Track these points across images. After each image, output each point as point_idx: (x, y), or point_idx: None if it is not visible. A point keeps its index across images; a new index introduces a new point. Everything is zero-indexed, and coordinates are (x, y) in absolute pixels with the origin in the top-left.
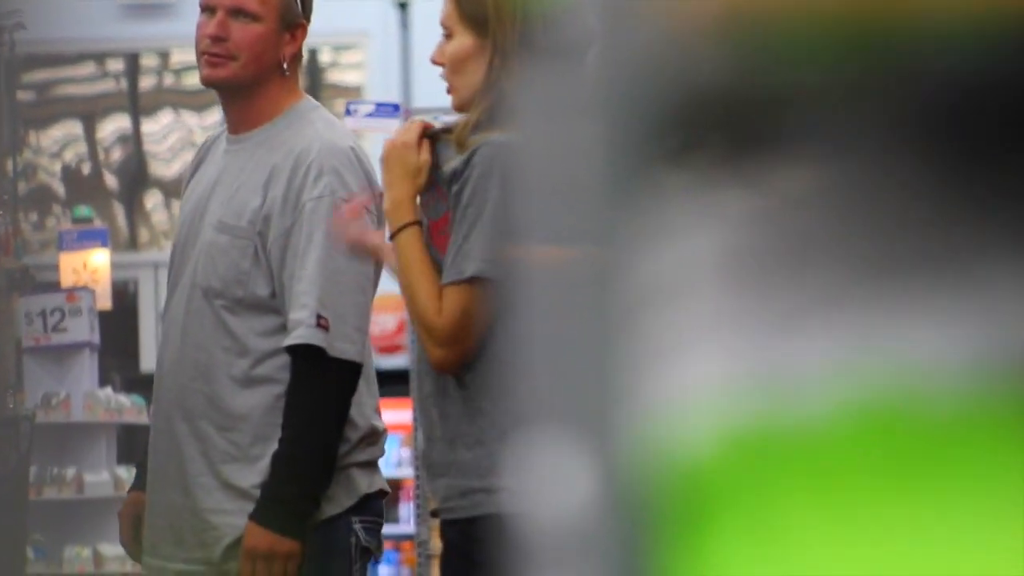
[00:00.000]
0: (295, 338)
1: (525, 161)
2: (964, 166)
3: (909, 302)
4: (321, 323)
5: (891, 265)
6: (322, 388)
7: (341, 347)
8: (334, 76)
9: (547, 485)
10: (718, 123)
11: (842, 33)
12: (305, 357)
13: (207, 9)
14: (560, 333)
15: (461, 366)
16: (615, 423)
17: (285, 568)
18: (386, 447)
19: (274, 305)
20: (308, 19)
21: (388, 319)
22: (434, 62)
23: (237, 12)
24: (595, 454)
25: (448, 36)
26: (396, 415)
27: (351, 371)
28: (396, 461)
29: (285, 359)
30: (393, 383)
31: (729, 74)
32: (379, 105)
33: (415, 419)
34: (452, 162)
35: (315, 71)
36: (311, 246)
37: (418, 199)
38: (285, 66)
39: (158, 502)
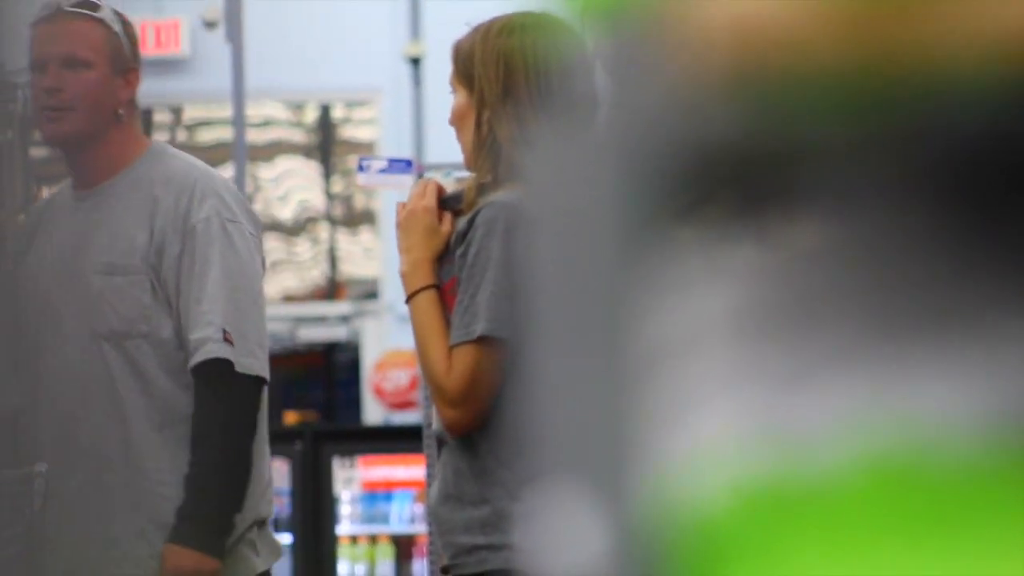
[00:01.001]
0: (203, 355)
1: (535, 219)
2: (974, 222)
3: (920, 358)
4: (227, 338)
5: (902, 321)
6: (231, 404)
7: (247, 362)
8: (347, 132)
9: (559, 541)
10: (729, 179)
11: (852, 89)
12: (212, 374)
13: (38, 66)
14: (572, 390)
15: (473, 426)
16: (627, 479)
17: None
18: (398, 503)
19: (178, 342)
20: (138, 65)
21: (401, 375)
22: (450, 122)
23: (68, 62)
24: (607, 510)
25: (453, 94)
26: (408, 471)
27: (258, 386)
28: (409, 517)
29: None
30: (406, 439)
31: (739, 130)
32: (392, 161)
33: (428, 476)
34: (458, 224)
35: (328, 127)
36: (207, 266)
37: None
38: (121, 112)
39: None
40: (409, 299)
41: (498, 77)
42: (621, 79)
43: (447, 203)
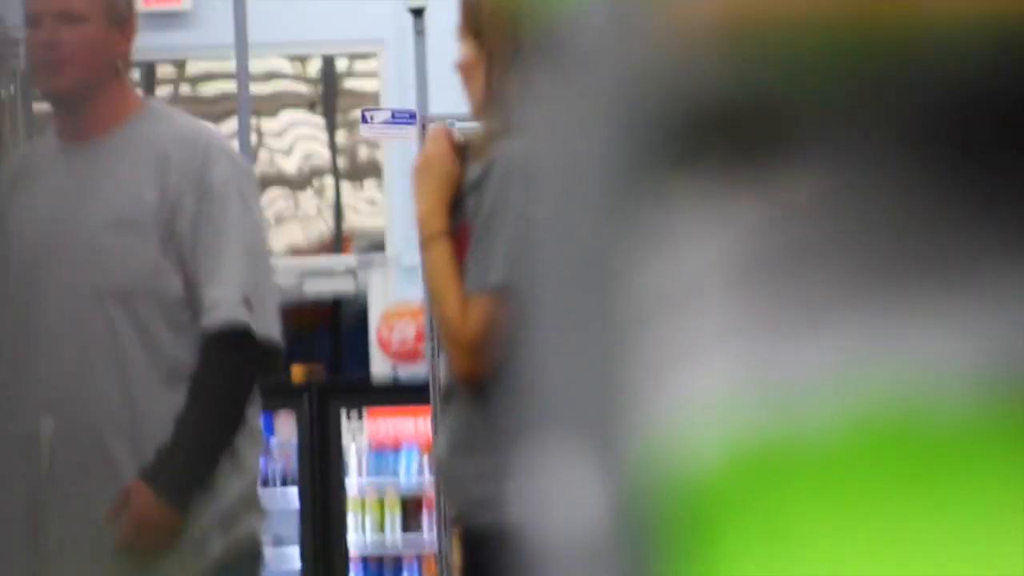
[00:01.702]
0: (222, 316)
1: (531, 172)
2: (968, 172)
3: (916, 310)
4: (247, 303)
5: (897, 273)
6: (241, 369)
7: (266, 331)
8: (350, 84)
9: (554, 497)
10: (722, 132)
11: (842, 40)
12: (228, 337)
13: (33, 21)
14: (566, 341)
15: (487, 374)
16: (622, 434)
17: (159, 536)
18: (405, 457)
19: (187, 300)
20: (134, 18)
21: (408, 327)
22: (458, 72)
23: (63, 17)
24: (602, 465)
25: (460, 44)
26: (415, 424)
27: (273, 355)
28: (417, 471)
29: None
30: (412, 393)
31: (732, 82)
32: (395, 112)
33: (434, 429)
34: (472, 172)
35: (331, 79)
36: (226, 227)
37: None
38: (119, 65)
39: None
40: (424, 245)
41: (505, 30)
42: (614, 32)
43: (462, 148)
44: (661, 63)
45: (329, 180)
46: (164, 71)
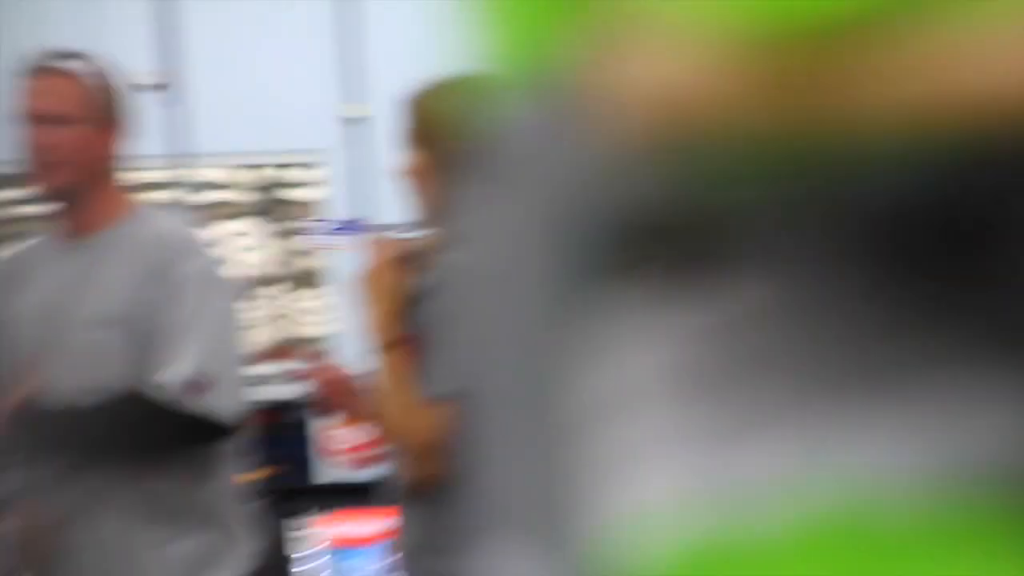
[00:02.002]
0: (172, 386)
1: (474, 280)
2: (905, 279)
3: (858, 415)
4: (199, 381)
5: (838, 378)
6: (175, 428)
7: (217, 406)
8: (293, 193)
9: None
10: (660, 241)
11: (777, 151)
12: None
13: (30, 120)
14: (513, 447)
15: (436, 483)
16: (569, 538)
17: None
18: (362, 559)
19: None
20: (120, 120)
21: (354, 432)
22: (396, 170)
23: (53, 119)
24: (551, 566)
25: (407, 150)
26: (369, 527)
27: (216, 430)
28: (373, 573)
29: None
30: (368, 495)
31: (666, 192)
32: (338, 222)
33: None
34: (421, 281)
35: (273, 188)
36: (188, 314)
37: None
38: (107, 166)
39: None
40: (376, 353)
41: (457, 142)
42: (554, 140)
43: (407, 256)
44: (599, 172)
45: (273, 289)
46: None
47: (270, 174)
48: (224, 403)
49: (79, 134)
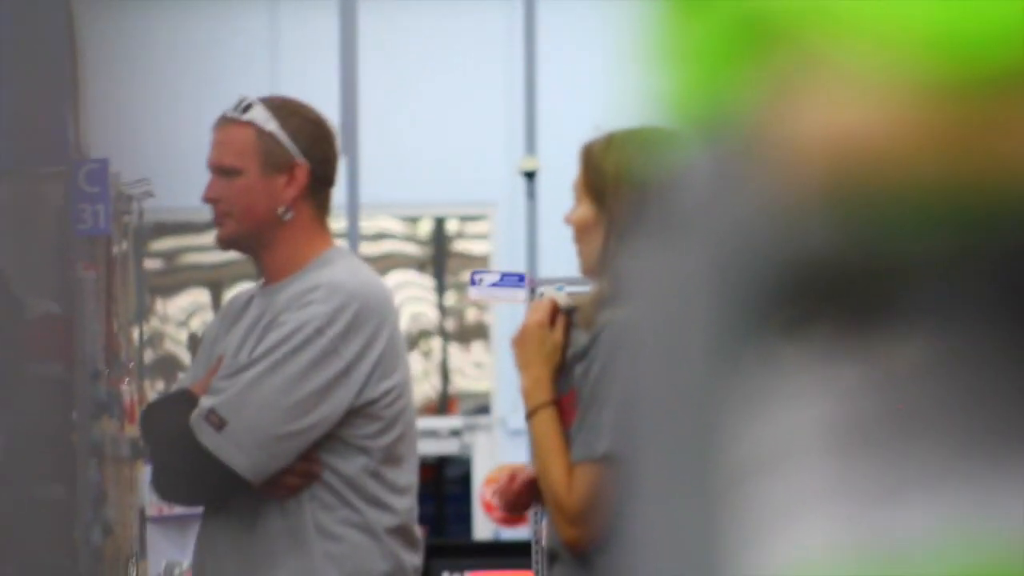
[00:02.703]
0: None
1: (637, 335)
2: None
3: (1015, 474)
4: (213, 418)
5: (999, 438)
6: (191, 462)
7: (224, 448)
8: (460, 246)
9: None
10: (829, 295)
11: (950, 203)
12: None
13: (210, 171)
14: (669, 508)
15: (593, 544)
16: None
17: None
18: None
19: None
20: (313, 157)
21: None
22: (565, 220)
23: (221, 170)
24: None
25: (576, 200)
26: None
27: (225, 476)
28: None
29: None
30: (515, 555)
31: (838, 245)
32: (504, 275)
33: None
34: (580, 339)
35: (441, 240)
36: (256, 356)
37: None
38: (283, 211)
39: None
40: (530, 415)
41: (631, 199)
42: (721, 194)
43: (567, 313)
44: (771, 223)
45: (437, 341)
46: None
47: (440, 226)
48: (232, 449)
49: (245, 184)
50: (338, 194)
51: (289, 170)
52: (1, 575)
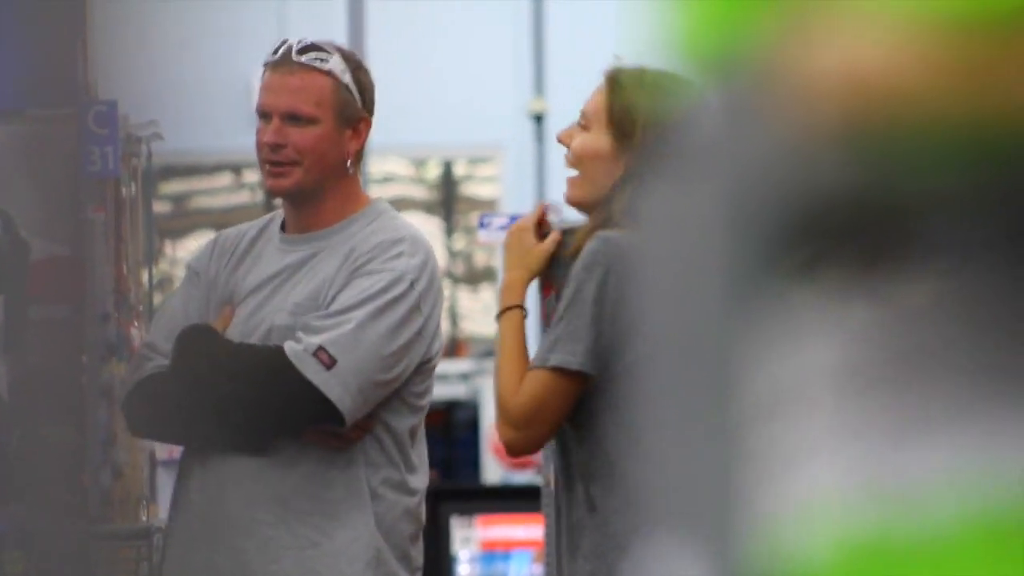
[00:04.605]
0: (293, 346)
1: (648, 265)
2: None
3: None
4: (321, 356)
5: (1012, 376)
6: (272, 394)
7: (332, 385)
8: (468, 189)
9: None
10: (842, 234)
11: (965, 139)
12: (283, 366)
13: (263, 115)
14: (679, 438)
15: (528, 450)
16: (734, 532)
17: None
18: (516, 563)
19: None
20: (371, 112)
21: None
22: (559, 139)
23: (293, 117)
24: (713, 563)
25: (584, 127)
26: (527, 531)
27: (330, 412)
28: None
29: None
30: (525, 499)
31: (851, 182)
32: (513, 218)
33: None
34: (565, 261)
35: (449, 184)
36: (351, 301)
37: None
38: (348, 164)
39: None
40: (498, 316)
41: (655, 130)
42: (736, 131)
43: (563, 232)
44: (779, 161)
45: (446, 285)
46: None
47: (448, 169)
48: (340, 389)
49: (319, 133)
50: None
51: (356, 123)
52: (10, 516)
